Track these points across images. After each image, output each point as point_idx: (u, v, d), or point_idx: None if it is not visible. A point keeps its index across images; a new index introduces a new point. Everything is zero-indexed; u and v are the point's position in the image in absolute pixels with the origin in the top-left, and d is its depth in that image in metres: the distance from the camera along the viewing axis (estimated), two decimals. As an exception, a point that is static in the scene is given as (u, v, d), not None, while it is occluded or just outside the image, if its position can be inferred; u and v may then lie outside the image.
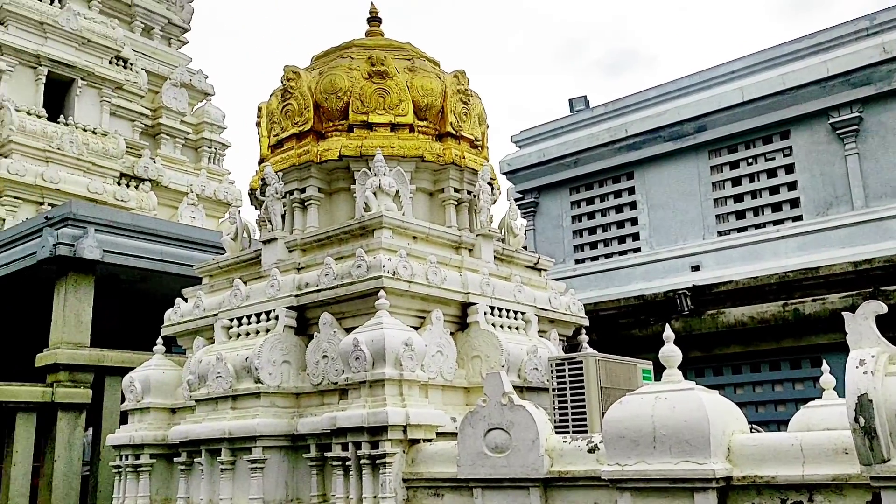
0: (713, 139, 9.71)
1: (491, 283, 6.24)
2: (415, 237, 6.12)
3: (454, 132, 6.81)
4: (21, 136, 13.62)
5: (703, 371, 8.71)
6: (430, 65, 7.06)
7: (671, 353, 4.06)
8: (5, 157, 13.49)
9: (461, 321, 6.13)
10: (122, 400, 7.03)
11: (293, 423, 5.65)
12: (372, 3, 7.54)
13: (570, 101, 11.84)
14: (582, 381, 5.32)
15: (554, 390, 5.46)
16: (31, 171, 13.49)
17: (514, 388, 4.76)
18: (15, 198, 13.37)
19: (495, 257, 6.68)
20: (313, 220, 6.66)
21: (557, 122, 11.48)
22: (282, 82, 6.95)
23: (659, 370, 4.32)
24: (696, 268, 9.45)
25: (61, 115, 14.74)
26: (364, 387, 5.16)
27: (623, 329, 9.13)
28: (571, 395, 5.34)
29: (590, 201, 10.93)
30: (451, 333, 6.00)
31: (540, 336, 6.54)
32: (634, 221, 10.40)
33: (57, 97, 15.04)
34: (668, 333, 4.13)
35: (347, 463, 5.09)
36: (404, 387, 5.16)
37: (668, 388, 3.95)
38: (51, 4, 15.18)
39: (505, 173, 11.85)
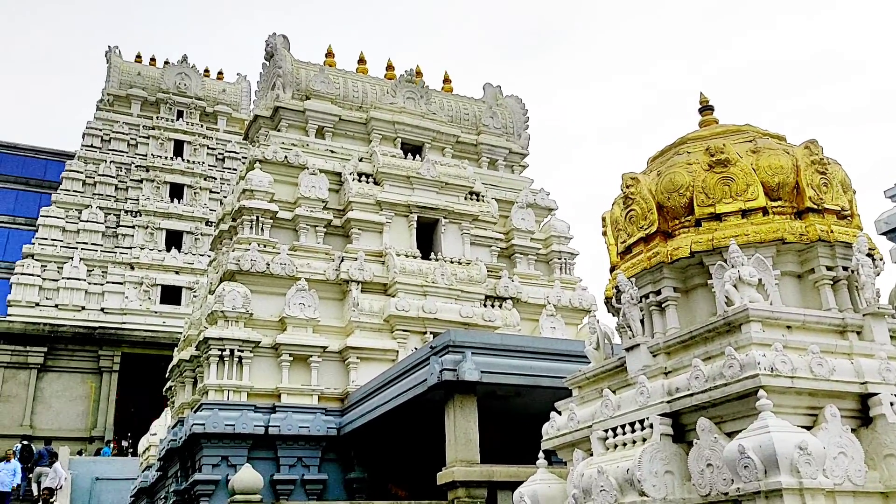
0: None
1: (892, 367, 5.43)
2: (789, 327, 5.63)
3: (815, 206, 6.25)
4: (402, 276, 15.67)
5: None
6: (775, 141, 6.66)
7: None
8: (392, 296, 15.57)
9: (861, 416, 5.39)
10: (514, 514, 7.34)
11: (686, 539, 5.37)
12: (701, 93, 7.44)
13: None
14: None
15: None
16: (414, 305, 15.35)
17: (949, 493, 4.00)
18: (403, 330, 15.27)
19: (892, 337, 5.83)
20: (672, 321, 6.51)
21: (941, 168, 9.94)
22: (622, 190, 7.09)
23: None
24: None
25: (431, 252, 16.70)
26: (759, 498, 4.74)
27: None
28: None
29: None
30: (852, 430, 5.30)
31: (971, 426, 5.44)
32: None
33: (425, 237, 17.14)
34: None
35: (754, 584, 4.66)
36: (806, 496, 4.63)
37: None
38: (413, 160, 17.61)
39: (884, 233, 10.48)
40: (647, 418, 5.92)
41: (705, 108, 7.41)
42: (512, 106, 20.45)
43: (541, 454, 7.46)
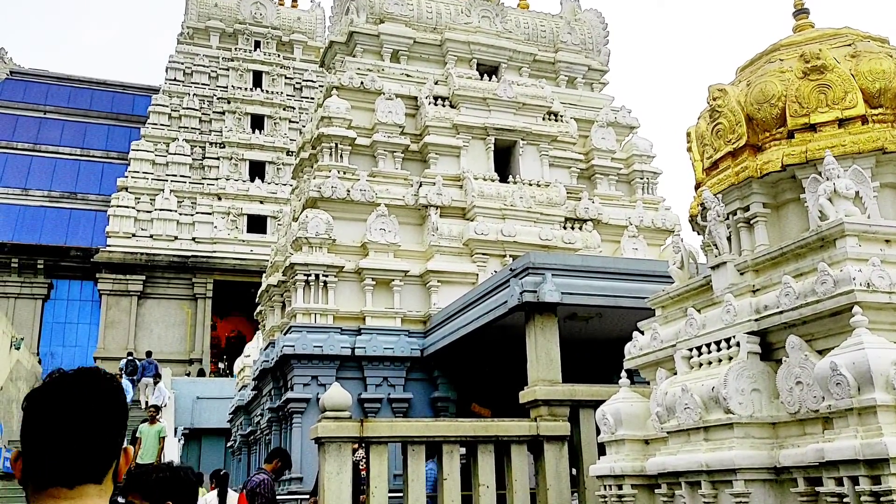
0: None
1: None
2: (887, 241, 5.37)
3: (920, 113, 5.85)
4: (481, 199, 15.64)
5: None
6: (877, 44, 6.22)
7: None
8: (471, 220, 15.60)
9: (966, 332, 5.14)
10: (596, 431, 7.45)
11: (773, 455, 5.33)
12: (795, -5, 6.97)
13: None
14: None
15: None
16: (492, 228, 15.36)
17: None
18: (482, 254, 15.33)
19: None
20: (761, 237, 6.31)
21: None
22: (708, 102, 6.80)
23: None
24: None
25: (509, 175, 16.55)
26: (851, 415, 4.64)
27: None
28: None
29: None
30: (955, 347, 5.07)
31: None
32: None
33: (503, 160, 16.96)
34: None
35: (846, 500, 4.62)
36: (902, 413, 4.50)
37: None
38: (489, 81, 17.30)
39: None
40: (734, 337, 5.82)
41: (800, 12, 6.95)
42: (591, 20, 19.70)
43: (623, 373, 7.47)
